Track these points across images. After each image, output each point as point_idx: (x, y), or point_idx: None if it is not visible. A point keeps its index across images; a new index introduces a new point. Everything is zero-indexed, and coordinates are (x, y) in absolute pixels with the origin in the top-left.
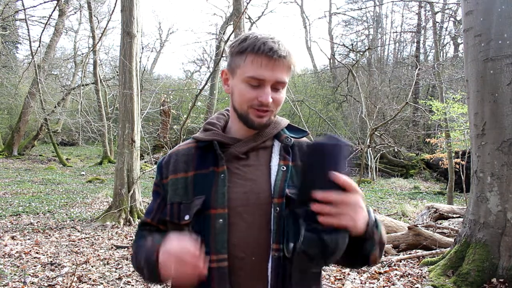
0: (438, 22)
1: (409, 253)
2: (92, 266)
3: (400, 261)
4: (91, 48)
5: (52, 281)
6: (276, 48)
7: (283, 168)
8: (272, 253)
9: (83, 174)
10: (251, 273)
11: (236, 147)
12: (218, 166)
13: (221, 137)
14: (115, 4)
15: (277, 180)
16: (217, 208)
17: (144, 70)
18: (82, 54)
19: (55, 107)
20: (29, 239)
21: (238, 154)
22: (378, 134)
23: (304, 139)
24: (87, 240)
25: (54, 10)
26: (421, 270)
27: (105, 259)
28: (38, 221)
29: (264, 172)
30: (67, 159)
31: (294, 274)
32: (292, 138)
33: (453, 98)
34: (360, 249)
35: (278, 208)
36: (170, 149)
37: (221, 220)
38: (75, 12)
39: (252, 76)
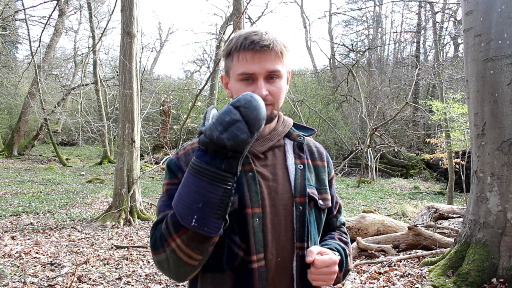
0: (438, 22)
1: (409, 253)
2: (92, 266)
3: (400, 261)
4: (91, 48)
5: (52, 281)
6: (258, 39)
7: (300, 166)
8: (296, 251)
9: (83, 174)
10: (276, 275)
11: (255, 146)
12: (244, 165)
13: None
14: (115, 4)
15: (297, 180)
16: (253, 207)
17: (144, 70)
18: (82, 54)
19: (55, 107)
20: (29, 239)
21: (258, 153)
22: (378, 134)
23: (310, 138)
24: (87, 240)
25: (54, 10)
26: (421, 270)
27: (105, 259)
28: (38, 221)
29: (284, 172)
30: (67, 159)
31: None
32: (303, 136)
33: (453, 98)
34: None
35: (300, 207)
36: (170, 149)
37: (257, 219)
38: (75, 12)
39: (242, 73)
